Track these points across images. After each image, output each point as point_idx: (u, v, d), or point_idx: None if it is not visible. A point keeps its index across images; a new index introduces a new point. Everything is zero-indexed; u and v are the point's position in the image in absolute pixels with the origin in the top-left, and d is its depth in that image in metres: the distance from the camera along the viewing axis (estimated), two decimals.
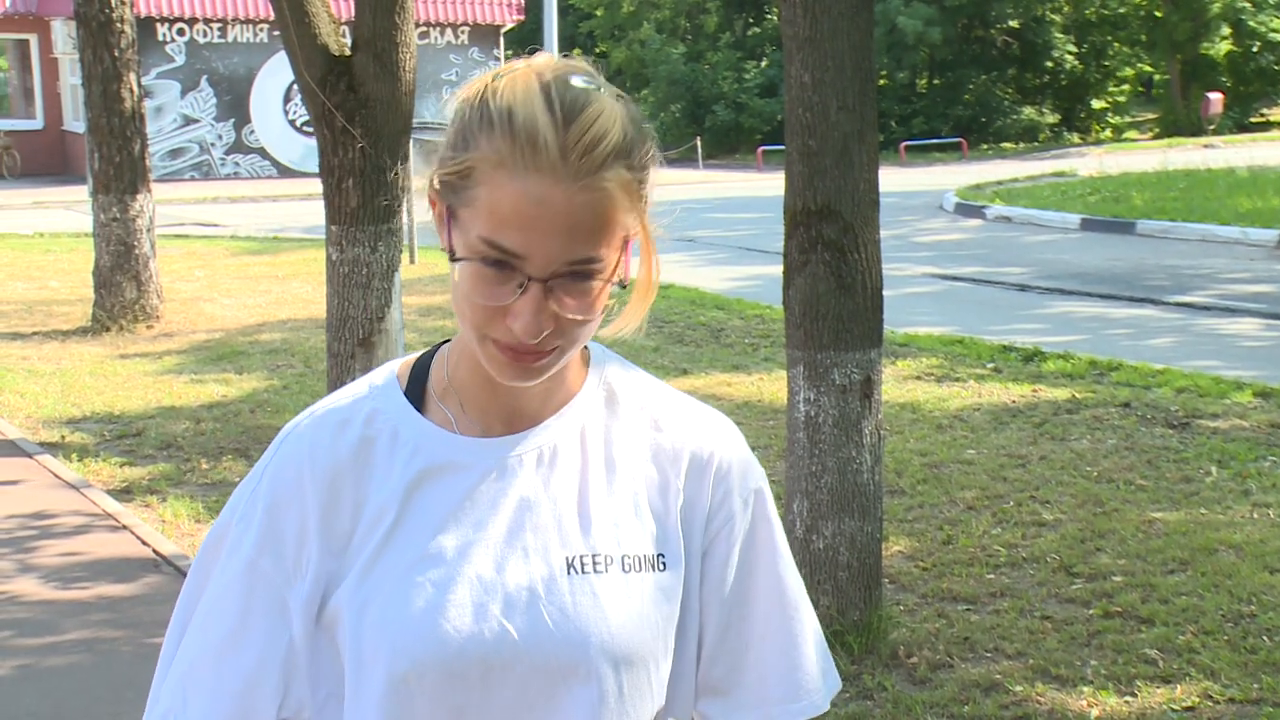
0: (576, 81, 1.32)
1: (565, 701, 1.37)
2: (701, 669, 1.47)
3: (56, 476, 7.36)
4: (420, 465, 1.40)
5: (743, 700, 1.48)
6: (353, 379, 1.57)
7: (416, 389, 1.45)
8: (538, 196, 1.28)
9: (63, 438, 8.26)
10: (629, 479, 1.44)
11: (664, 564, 1.42)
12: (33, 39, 30.46)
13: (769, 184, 26.64)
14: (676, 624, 1.44)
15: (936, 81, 38.01)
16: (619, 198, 1.32)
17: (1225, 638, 4.90)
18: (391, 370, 1.48)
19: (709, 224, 19.15)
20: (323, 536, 1.40)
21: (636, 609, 1.39)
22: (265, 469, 1.44)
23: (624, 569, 1.40)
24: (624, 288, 1.37)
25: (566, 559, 1.39)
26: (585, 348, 1.47)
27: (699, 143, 33.58)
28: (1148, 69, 40.89)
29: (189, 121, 28.73)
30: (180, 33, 28.49)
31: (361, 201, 6.63)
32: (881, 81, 34.61)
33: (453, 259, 1.33)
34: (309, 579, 1.40)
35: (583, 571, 1.39)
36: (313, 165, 7.23)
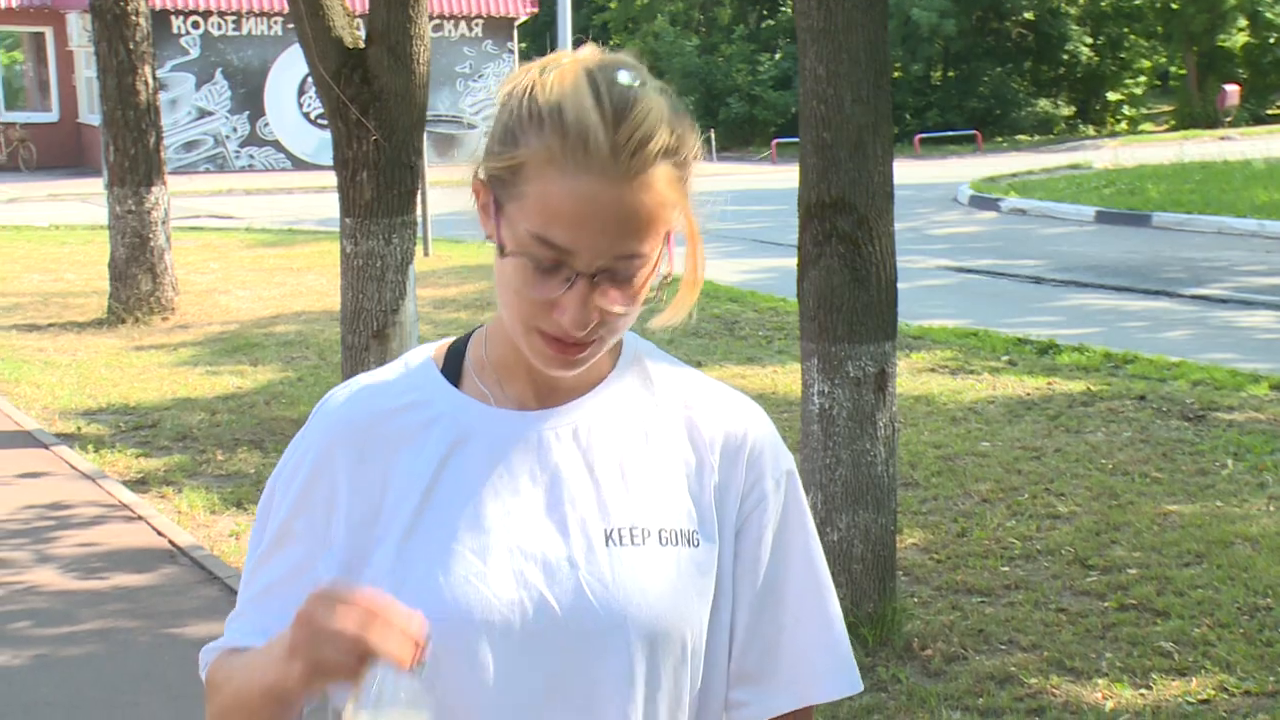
0: (623, 77, 1.33)
1: (602, 671, 1.38)
2: (735, 656, 1.48)
3: (73, 467, 7.39)
4: (455, 436, 1.42)
5: (778, 685, 1.48)
6: (367, 370, 1.58)
7: (453, 367, 1.47)
8: (589, 195, 1.29)
9: (79, 429, 8.29)
10: (664, 456, 1.45)
11: (699, 540, 1.43)
12: (48, 31, 30.52)
13: (783, 176, 26.59)
14: (711, 604, 1.45)
15: (951, 74, 37.90)
16: (665, 194, 1.33)
17: (1241, 630, 4.89)
18: (426, 352, 1.49)
19: (723, 216, 18.94)
20: (350, 508, 1.41)
21: (673, 582, 1.40)
22: (302, 438, 1.47)
23: (661, 542, 1.41)
24: (668, 281, 1.39)
25: (605, 531, 1.40)
26: None
27: (713, 135, 33.55)
28: (1164, 61, 40.71)
29: (204, 114, 28.76)
30: (195, 25, 28.53)
31: (376, 194, 6.64)
32: (896, 74, 34.53)
33: (501, 254, 1.34)
34: (337, 549, 1.42)
35: (621, 543, 1.40)
36: (327, 158, 7.24)
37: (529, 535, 1.39)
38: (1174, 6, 36.97)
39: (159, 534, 6.31)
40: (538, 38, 42.67)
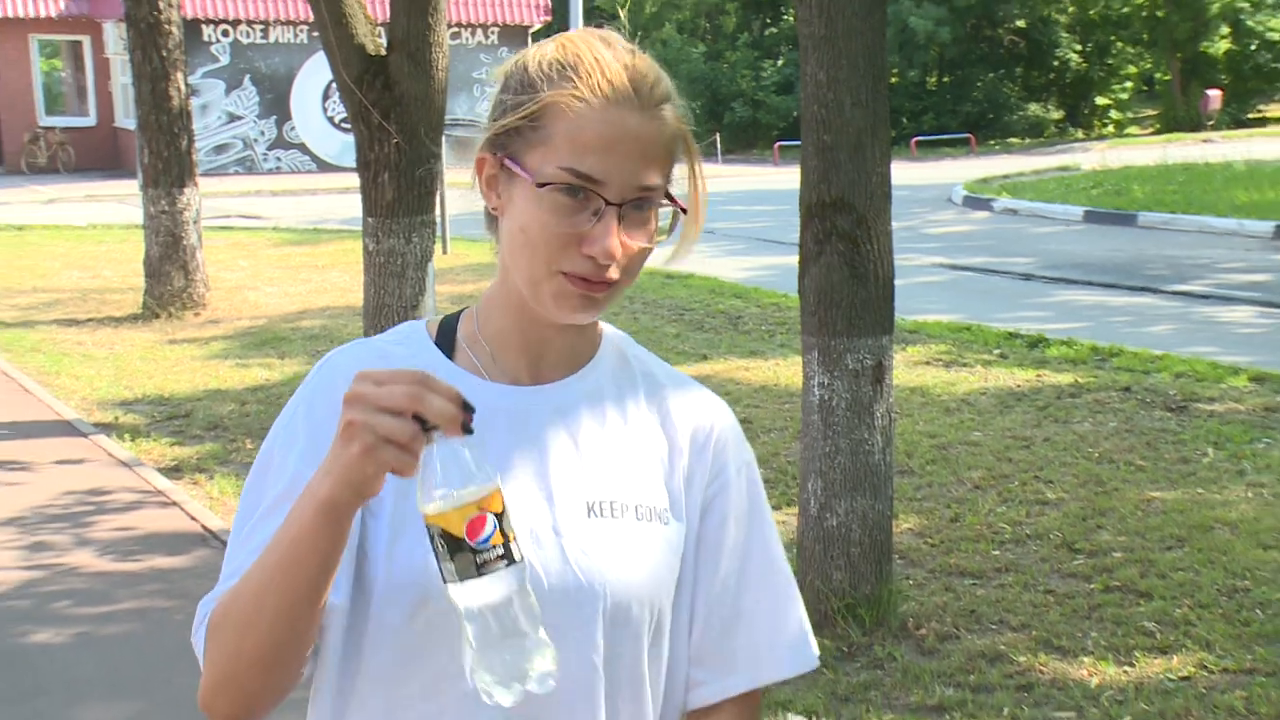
0: (621, 37, 1.42)
1: (582, 635, 1.38)
2: (694, 636, 1.48)
3: (110, 455, 7.42)
4: None
5: (734, 666, 1.48)
6: None
7: (446, 340, 1.47)
8: (618, 124, 1.34)
9: (116, 419, 8.31)
10: (641, 439, 1.47)
11: (670, 519, 1.45)
12: (86, 40, 30.55)
13: (785, 178, 26.57)
14: (679, 583, 1.46)
15: (946, 79, 37.81)
16: (677, 126, 1.39)
17: (1220, 611, 4.89)
18: (416, 325, 1.50)
19: (727, 216, 19.12)
20: None
21: (648, 554, 1.42)
22: (303, 394, 1.45)
23: (637, 517, 1.42)
24: (684, 211, 1.42)
25: (587, 503, 1.41)
26: (597, 322, 1.50)
27: (718, 138, 33.52)
28: (1149, 67, 40.60)
29: (233, 118, 28.78)
30: (225, 34, 28.54)
31: (397, 195, 6.64)
32: (893, 79, 34.47)
33: (538, 185, 1.34)
34: None
35: (601, 515, 1.41)
36: (350, 160, 7.24)
37: (517, 505, 1.37)
38: (1159, 15, 36.89)
39: (192, 519, 6.33)
40: None
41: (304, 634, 1.32)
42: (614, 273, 1.35)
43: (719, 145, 33.05)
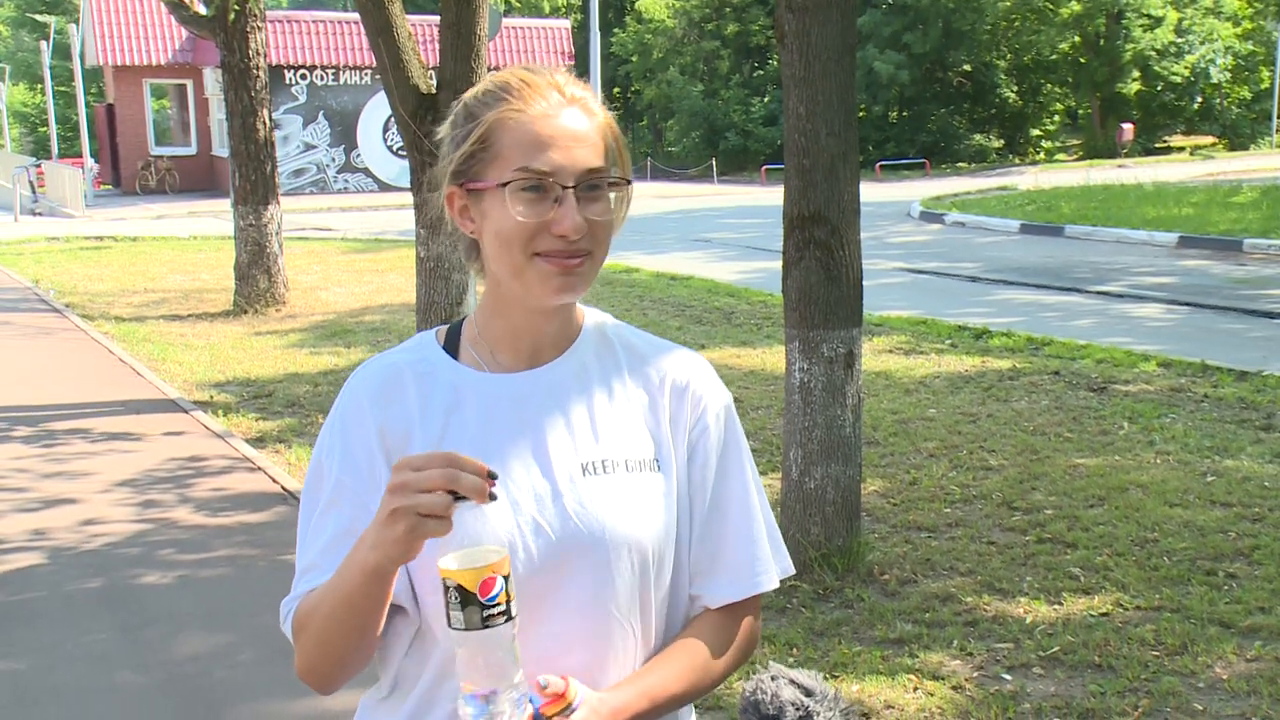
0: (536, 65, 1.41)
1: (588, 580, 1.36)
2: (690, 559, 1.46)
3: (206, 428, 7.41)
4: (455, 396, 1.41)
5: (725, 580, 1.46)
6: None
7: (452, 343, 1.46)
8: (553, 122, 1.33)
9: (211, 397, 8.31)
10: (625, 400, 1.44)
11: (659, 466, 1.43)
12: (188, 83, 30.58)
13: (770, 196, 26.53)
14: (674, 520, 1.43)
15: (905, 114, 37.66)
16: (603, 117, 1.38)
17: (1134, 558, 4.86)
18: (427, 335, 1.49)
19: (722, 228, 19.08)
20: (385, 452, 1.39)
21: (640, 501, 1.39)
22: (338, 409, 1.45)
23: (628, 469, 1.40)
24: (629, 182, 1.41)
25: (581, 464, 1.39)
26: (579, 308, 1.48)
27: (714, 163, 33.45)
28: (1074, 104, 40.47)
29: (309, 147, 28.77)
30: (303, 77, 28.52)
31: (443, 211, 6.61)
32: (861, 113, 34.30)
33: (502, 185, 1.33)
34: (382, 485, 1.37)
35: (596, 473, 1.39)
36: (406, 181, 7.22)
37: (522, 472, 1.37)
38: (1082, 60, 36.77)
39: (274, 481, 6.32)
40: None
41: (368, 647, 1.36)
42: (585, 244, 1.34)
43: (715, 168, 32.95)
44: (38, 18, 41.62)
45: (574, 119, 1.34)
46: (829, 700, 1.29)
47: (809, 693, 1.29)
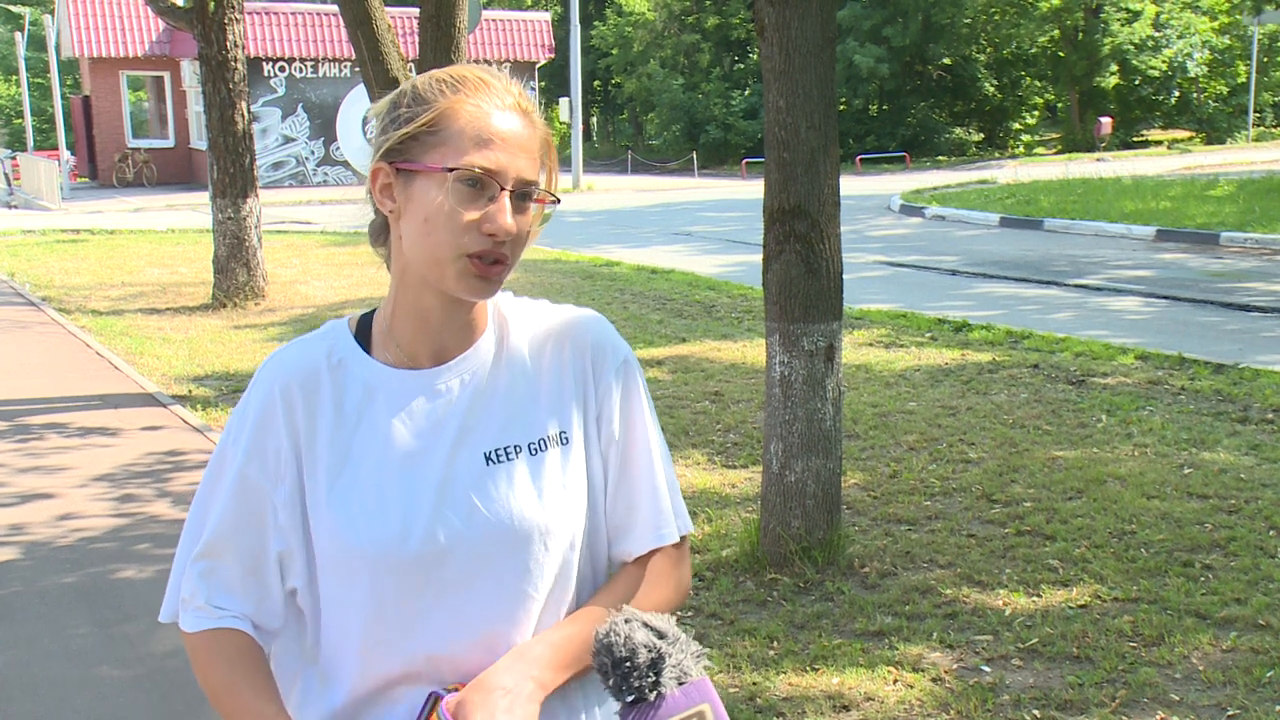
0: (488, 67, 1.42)
1: (502, 568, 1.38)
2: (608, 513, 1.48)
3: (185, 422, 7.37)
4: (366, 392, 1.41)
5: (640, 532, 1.48)
6: None
7: (364, 334, 1.46)
8: (506, 125, 1.35)
9: (190, 391, 8.26)
10: (528, 378, 1.45)
11: (566, 439, 1.44)
12: (166, 75, 30.38)
13: (751, 189, 26.55)
14: (587, 489, 1.45)
15: (885, 107, 37.75)
16: (545, 133, 1.40)
17: (1111, 550, 4.88)
18: (339, 323, 1.49)
19: (703, 221, 19.06)
20: (293, 445, 1.40)
21: (545, 482, 1.41)
22: (248, 397, 1.45)
23: (530, 453, 1.41)
24: (558, 201, 1.43)
25: (485, 454, 1.40)
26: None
27: (695, 156, 33.44)
28: (1052, 98, 40.62)
29: (288, 140, 28.63)
30: (281, 69, 28.36)
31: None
32: (841, 107, 34.38)
33: (447, 170, 1.33)
34: (288, 482, 1.40)
35: (499, 461, 1.40)
36: None
37: (431, 468, 1.39)
38: (1060, 55, 36.91)
39: None
40: (554, 77, 42.51)
41: None
42: (507, 249, 1.35)
43: (696, 162, 32.94)
44: (12, 9, 41.28)
45: (521, 127, 1.36)
46: (681, 643, 1.34)
47: (661, 635, 1.33)
